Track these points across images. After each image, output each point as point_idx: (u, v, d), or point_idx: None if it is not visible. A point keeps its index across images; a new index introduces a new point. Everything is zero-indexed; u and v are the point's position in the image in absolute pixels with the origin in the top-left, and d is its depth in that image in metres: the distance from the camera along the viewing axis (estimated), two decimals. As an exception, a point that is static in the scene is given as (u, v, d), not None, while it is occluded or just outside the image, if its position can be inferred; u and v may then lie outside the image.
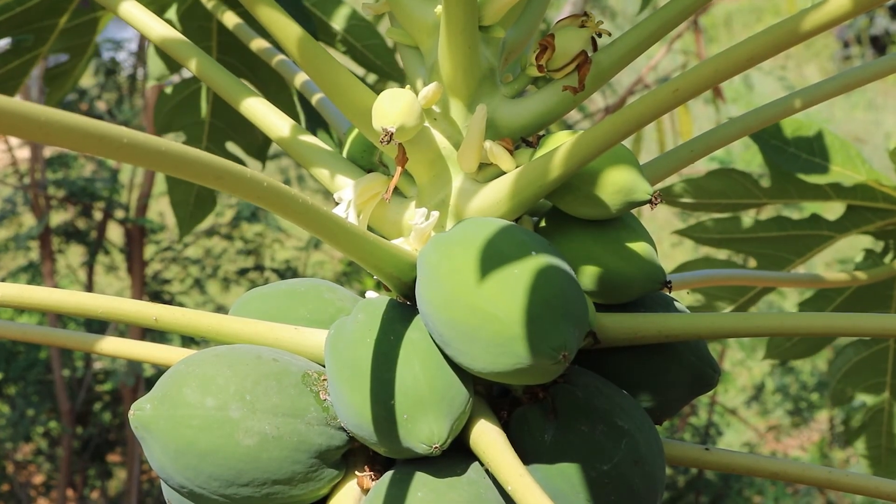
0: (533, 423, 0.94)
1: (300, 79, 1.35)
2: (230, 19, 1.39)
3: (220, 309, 4.85)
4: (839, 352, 1.96)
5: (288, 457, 0.89)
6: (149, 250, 4.70)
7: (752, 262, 1.87)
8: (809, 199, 1.71)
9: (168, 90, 1.87)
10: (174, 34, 1.14)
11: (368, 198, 1.01)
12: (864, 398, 1.98)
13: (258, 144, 1.90)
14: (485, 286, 0.83)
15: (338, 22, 1.75)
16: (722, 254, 3.78)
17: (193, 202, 1.99)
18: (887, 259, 1.77)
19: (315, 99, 1.34)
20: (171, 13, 1.74)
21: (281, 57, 1.36)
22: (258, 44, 1.37)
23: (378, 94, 0.94)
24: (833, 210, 1.78)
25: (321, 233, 0.83)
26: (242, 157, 1.99)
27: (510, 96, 1.01)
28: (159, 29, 1.15)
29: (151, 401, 0.89)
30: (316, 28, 1.72)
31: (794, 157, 1.68)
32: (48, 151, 4.39)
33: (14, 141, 4.49)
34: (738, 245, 1.77)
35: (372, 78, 2.74)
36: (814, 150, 1.68)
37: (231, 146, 1.93)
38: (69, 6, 1.63)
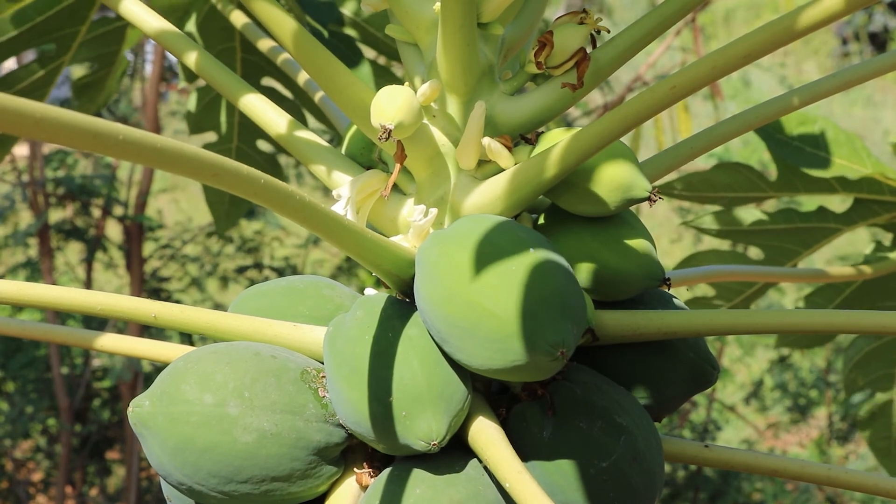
0: (531, 420, 0.94)
1: (303, 77, 1.35)
2: (238, 18, 1.39)
3: (219, 307, 4.85)
4: (852, 342, 1.96)
5: (286, 453, 0.89)
6: (147, 247, 4.70)
7: (752, 252, 1.87)
8: (815, 193, 1.71)
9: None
10: (172, 30, 1.14)
11: (367, 195, 1.01)
12: (874, 389, 1.98)
13: None
14: (483, 283, 0.83)
15: (349, 7, 1.75)
16: (727, 246, 3.78)
17: (229, 200, 2.00)
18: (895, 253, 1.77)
19: (317, 97, 1.34)
20: (192, 17, 1.75)
21: (286, 55, 1.36)
22: (265, 43, 1.37)
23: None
24: (838, 203, 1.79)
25: (320, 230, 0.83)
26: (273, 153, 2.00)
27: (509, 93, 1.01)
28: (158, 25, 1.14)
29: (150, 397, 0.89)
30: (339, 16, 1.72)
31: (798, 151, 1.68)
32: (47, 148, 4.39)
33: (13, 138, 4.48)
34: (745, 237, 1.78)
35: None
36: (819, 144, 1.68)
37: (263, 144, 1.93)
38: (89, 14, 1.63)
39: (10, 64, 4.78)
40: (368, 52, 1.82)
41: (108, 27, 1.73)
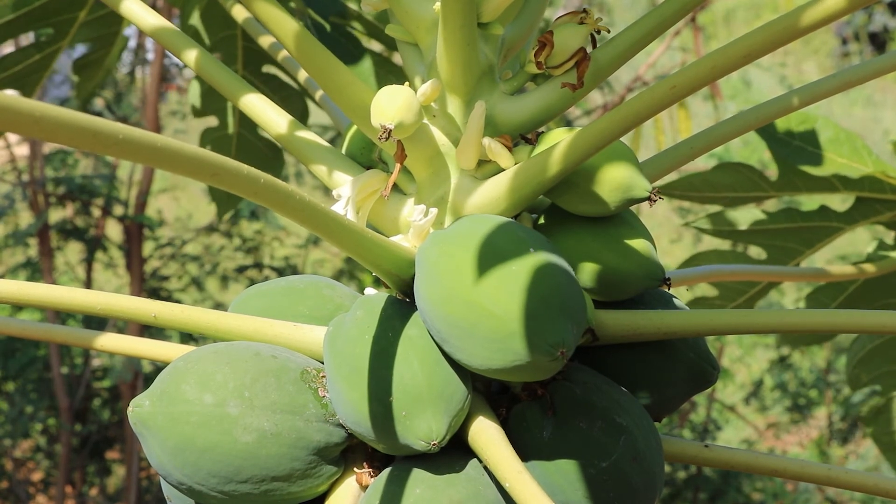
0: (531, 420, 0.94)
1: (304, 74, 1.35)
2: (240, 13, 1.39)
3: (219, 306, 4.85)
4: (855, 339, 1.96)
5: (286, 453, 0.89)
6: (147, 247, 4.70)
7: (753, 252, 1.87)
8: (817, 192, 1.71)
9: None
10: (171, 28, 1.14)
11: (367, 194, 1.01)
12: (878, 385, 1.99)
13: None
14: (483, 283, 0.83)
15: (353, 1, 1.75)
16: (727, 246, 3.78)
17: None
18: None
19: (318, 96, 1.34)
20: (196, 3, 1.74)
21: (287, 53, 1.36)
22: (266, 39, 1.37)
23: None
24: (839, 202, 1.79)
25: (319, 230, 0.82)
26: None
27: (509, 93, 1.01)
28: (157, 23, 1.14)
29: (150, 397, 0.89)
30: (342, 8, 1.72)
31: (799, 150, 1.68)
32: (47, 148, 4.39)
33: (13, 138, 4.49)
34: (747, 237, 1.78)
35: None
36: (819, 143, 1.68)
37: (264, 130, 1.93)
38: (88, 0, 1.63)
39: (9, 47, 4.78)
40: (374, 45, 1.82)
41: (107, 9, 1.72)
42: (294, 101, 1.82)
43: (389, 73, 1.72)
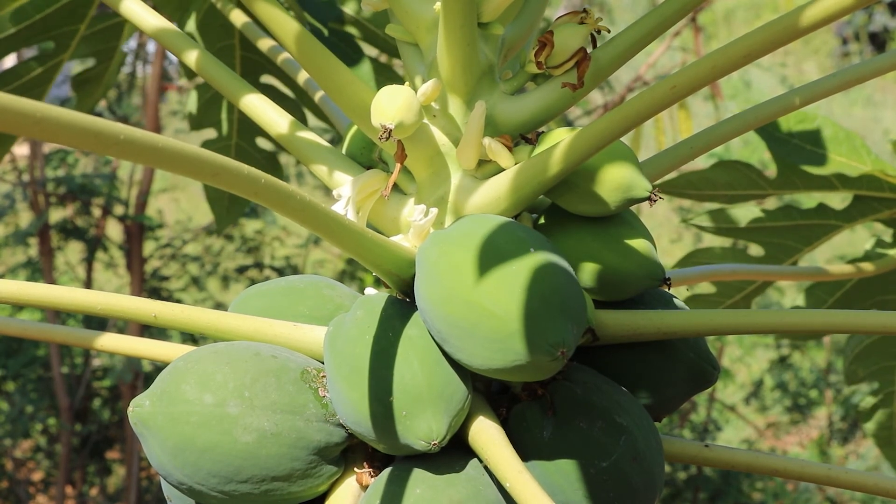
0: (531, 420, 0.94)
1: (303, 76, 1.35)
2: (238, 18, 1.39)
3: (219, 306, 4.85)
4: (852, 335, 1.97)
5: (286, 453, 0.89)
6: (148, 247, 4.70)
7: (753, 249, 1.87)
8: (815, 190, 1.71)
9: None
10: (172, 29, 1.14)
11: (367, 194, 1.01)
12: (874, 381, 1.99)
13: None
14: (483, 283, 0.83)
15: (350, 5, 1.75)
16: (727, 243, 3.79)
17: (228, 197, 2.00)
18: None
19: (317, 97, 1.34)
20: (192, 14, 1.75)
21: (286, 55, 1.36)
22: (265, 42, 1.37)
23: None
24: (838, 201, 1.79)
25: (320, 230, 0.83)
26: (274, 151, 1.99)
27: (509, 93, 1.01)
28: (158, 24, 1.14)
29: (150, 397, 0.89)
30: (340, 14, 1.72)
31: (798, 149, 1.68)
32: (47, 148, 4.39)
33: (13, 138, 4.48)
34: (745, 234, 1.78)
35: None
36: (818, 142, 1.68)
37: (262, 141, 1.93)
38: (88, 11, 1.63)
39: (11, 60, 4.78)
40: (370, 51, 1.82)
41: (106, 23, 1.72)
42: (291, 111, 1.82)
43: (387, 80, 1.73)
